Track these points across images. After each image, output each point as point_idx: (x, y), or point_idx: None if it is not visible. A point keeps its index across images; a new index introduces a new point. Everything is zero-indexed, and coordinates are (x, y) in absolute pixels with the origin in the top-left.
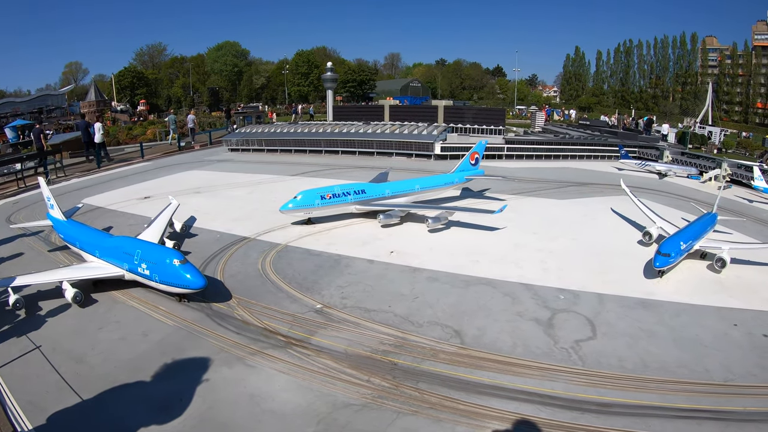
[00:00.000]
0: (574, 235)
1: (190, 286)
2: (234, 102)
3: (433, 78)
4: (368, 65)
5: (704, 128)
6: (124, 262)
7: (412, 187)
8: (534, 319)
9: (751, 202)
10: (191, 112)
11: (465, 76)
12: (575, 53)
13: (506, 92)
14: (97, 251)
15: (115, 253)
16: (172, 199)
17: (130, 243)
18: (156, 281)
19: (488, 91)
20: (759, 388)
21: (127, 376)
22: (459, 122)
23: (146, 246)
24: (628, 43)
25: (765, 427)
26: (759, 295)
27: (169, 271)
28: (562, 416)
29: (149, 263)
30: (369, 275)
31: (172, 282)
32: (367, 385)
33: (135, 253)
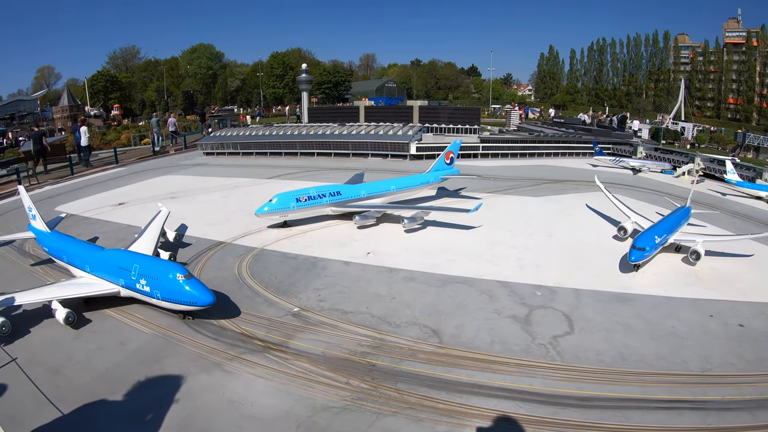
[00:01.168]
0: (550, 232)
1: (197, 303)
2: (209, 105)
3: (408, 78)
4: (343, 66)
5: (677, 124)
6: (120, 277)
7: (387, 188)
8: (511, 316)
9: (724, 195)
10: (171, 115)
11: (440, 76)
12: (549, 52)
13: (481, 91)
14: (88, 266)
15: (108, 268)
16: (162, 206)
17: (126, 257)
18: (158, 298)
19: (463, 90)
20: (737, 377)
21: (106, 386)
22: (434, 122)
23: (144, 260)
24: (602, 42)
25: (744, 414)
26: (734, 285)
27: (172, 287)
28: (542, 411)
29: (149, 279)
30: (346, 277)
31: (177, 299)
32: (346, 387)
33: (132, 268)
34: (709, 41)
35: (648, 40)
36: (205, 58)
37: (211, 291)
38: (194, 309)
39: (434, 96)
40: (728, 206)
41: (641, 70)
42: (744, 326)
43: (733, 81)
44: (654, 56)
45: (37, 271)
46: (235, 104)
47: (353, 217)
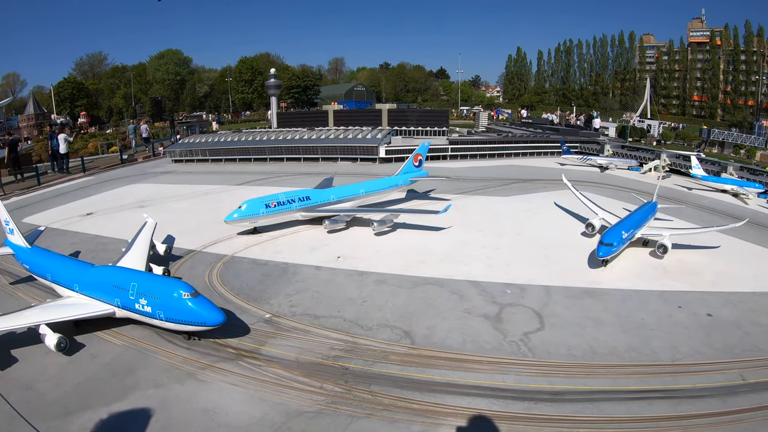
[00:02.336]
0: (519, 231)
1: (207, 323)
2: (177, 111)
3: (377, 82)
4: (312, 71)
5: (643, 122)
6: (115, 297)
7: (356, 192)
8: (482, 315)
9: (690, 189)
10: (143, 122)
11: (409, 79)
12: (517, 54)
13: (450, 93)
14: (77, 284)
15: (101, 287)
16: (148, 217)
17: (121, 274)
18: (161, 319)
19: (432, 93)
20: (706, 365)
21: (79, 401)
22: (403, 125)
23: (143, 277)
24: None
25: (714, 401)
26: (701, 277)
27: (177, 306)
28: (515, 407)
29: (150, 298)
30: (317, 281)
31: (183, 319)
32: (320, 391)
33: (129, 287)
34: (674, 41)
35: (614, 40)
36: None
37: (221, 309)
38: (203, 329)
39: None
40: (694, 200)
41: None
42: (712, 316)
43: (698, 79)
44: (620, 56)
45: (18, 291)
46: (203, 110)
47: (323, 221)
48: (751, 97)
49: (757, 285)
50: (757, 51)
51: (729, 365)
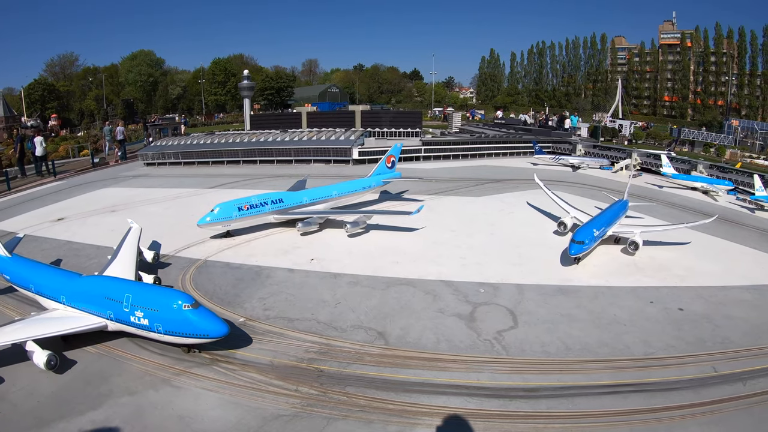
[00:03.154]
0: (492, 230)
1: (210, 335)
2: (149, 114)
3: (351, 83)
4: (286, 72)
5: (615, 122)
6: (107, 309)
7: (329, 194)
8: (456, 314)
9: (661, 187)
10: (120, 124)
11: (383, 80)
12: (490, 55)
13: (424, 95)
14: (64, 296)
15: (91, 299)
16: (132, 222)
17: (114, 285)
18: (159, 332)
19: (406, 94)
20: (678, 358)
21: (53, 411)
22: (376, 126)
23: (138, 288)
24: (541, 45)
25: (688, 393)
26: (672, 272)
27: (177, 318)
28: (490, 405)
29: (147, 310)
30: (290, 284)
31: (184, 332)
32: (295, 394)
33: (123, 298)
34: (645, 43)
35: (586, 42)
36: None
37: (224, 320)
38: (205, 342)
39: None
40: (665, 198)
41: (580, 71)
42: (684, 310)
43: (668, 80)
44: (592, 58)
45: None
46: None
47: (296, 224)
48: (720, 97)
49: (727, 279)
50: (727, 52)
51: (701, 358)
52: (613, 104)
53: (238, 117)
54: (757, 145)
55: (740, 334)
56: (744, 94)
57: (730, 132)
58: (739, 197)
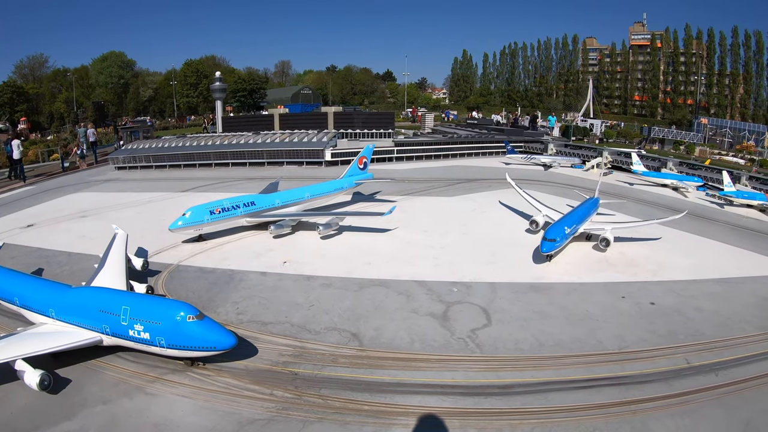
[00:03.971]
0: (465, 230)
1: (217, 347)
2: (120, 116)
3: (324, 84)
4: (259, 74)
5: (586, 121)
6: (103, 323)
7: (302, 196)
8: (429, 314)
9: (631, 185)
10: (91, 126)
11: (356, 82)
12: (463, 56)
13: (397, 96)
14: (53, 310)
15: (84, 312)
16: (117, 228)
17: (109, 296)
18: (161, 346)
19: (379, 95)
20: (651, 351)
21: (27, 422)
22: (349, 127)
23: (137, 300)
24: (513, 46)
25: (661, 385)
26: (643, 267)
27: (181, 331)
28: (465, 403)
29: (148, 323)
30: (263, 288)
31: (189, 345)
32: (270, 398)
33: (120, 311)
34: (616, 43)
35: (558, 43)
36: (116, 67)
37: (231, 331)
38: (212, 354)
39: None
40: (636, 195)
41: (551, 71)
42: (655, 304)
43: (639, 80)
44: (564, 58)
45: None
46: (147, 115)
47: (269, 226)
48: (690, 96)
49: (697, 273)
50: (696, 53)
51: (673, 350)
52: (584, 104)
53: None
54: (726, 143)
55: (711, 326)
56: (713, 93)
57: (700, 130)
58: (708, 193)
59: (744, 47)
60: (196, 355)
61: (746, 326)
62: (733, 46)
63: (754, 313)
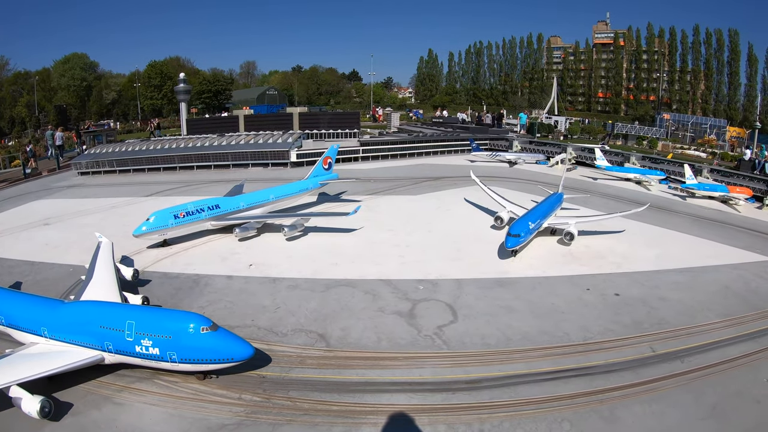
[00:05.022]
0: (430, 227)
1: (235, 358)
2: (83, 120)
3: (290, 85)
4: (224, 75)
5: (551, 118)
6: (104, 340)
7: (266, 198)
8: (396, 312)
9: (595, 179)
10: (59, 129)
11: (321, 82)
12: (428, 55)
13: (363, 95)
14: (45, 328)
15: (82, 329)
16: (101, 236)
17: (110, 311)
18: (172, 361)
19: (345, 95)
20: (616, 341)
21: None
22: (314, 128)
23: (143, 314)
24: (479, 45)
25: (627, 374)
26: (607, 259)
27: (194, 344)
28: (434, 399)
29: (156, 337)
30: (229, 291)
31: (204, 358)
32: (238, 402)
33: (124, 326)
34: (580, 42)
35: (523, 42)
36: (79, 69)
37: (246, 341)
38: (230, 366)
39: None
40: (600, 189)
41: (516, 69)
42: (620, 295)
43: (602, 77)
44: (528, 57)
45: None
46: (111, 118)
47: (234, 229)
48: (652, 92)
49: (660, 263)
50: (658, 51)
51: (639, 339)
52: (549, 101)
53: (174, 122)
54: (688, 137)
55: (675, 314)
56: (675, 90)
57: (662, 125)
58: (670, 186)
59: (705, 45)
60: (212, 368)
61: (709, 314)
62: (694, 43)
63: (716, 300)
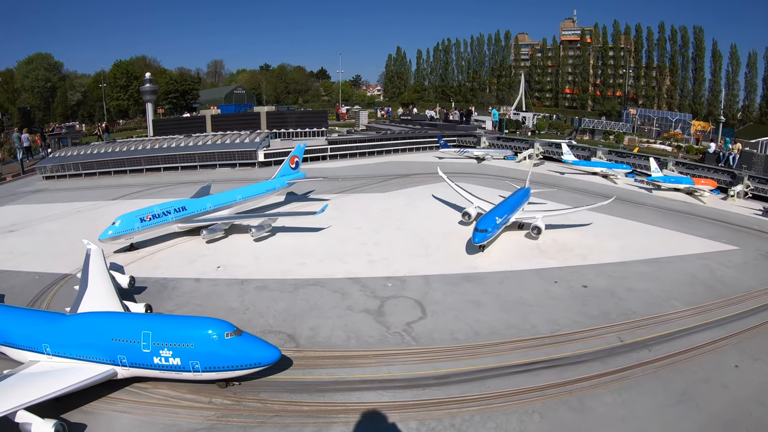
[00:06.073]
0: (398, 225)
1: (262, 362)
2: (48, 122)
3: (257, 84)
4: (191, 74)
5: (518, 114)
6: (117, 353)
7: (233, 198)
8: (364, 310)
9: (563, 174)
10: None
11: (290, 80)
12: (397, 53)
13: (331, 94)
14: (47, 344)
15: (90, 343)
16: (89, 243)
17: (123, 322)
18: (196, 370)
19: (313, 93)
20: (584, 332)
21: None
22: (282, 127)
23: (160, 322)
24: (447, 42)
25: (596, 364)
26: (574, 252)
27: (219, 350)
28: (404, 396)
29: (177, 347)
30: (197, 294)
31: (230, 365)
32: (209, 406)
33: (140, 337)
34: (547, 39)
35: (490, 39)
36: (43, 70)
37: (271, 343)
38: (256, 371)
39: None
40: (567, 183)
41: (485, 66)
42: (587, 287)
43: (569, 74)
44: (496, 54)
45: None
46: (76, 120)
47: (201, 231)
48: (618, 88)
49: (626, 255)
50: (624, 47)
51: (607, 330)
52: (516, 98)
53: (141, 123)
54: (654, 131)
55: (642, 304)
56: (641, 85)
57: (629, 120)
58: (637, 179)
59: (670, 41)
60: (238, 375)
61: (676, 302)
62: (660, 40)
63: (683, 290)
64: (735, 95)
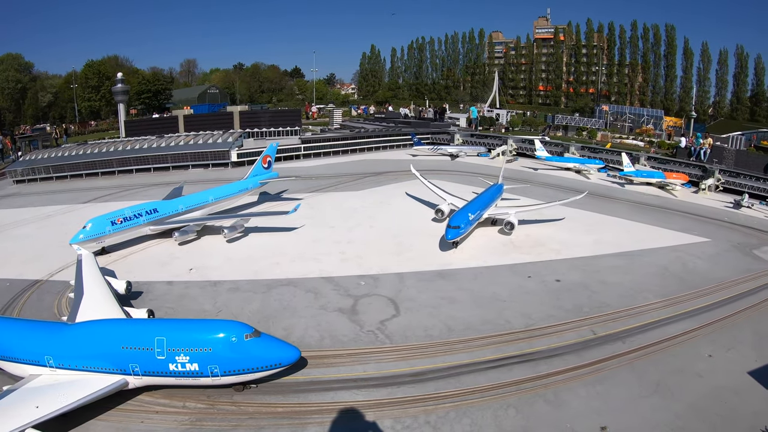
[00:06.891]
0: (371, 223)
1: (283, 362)
2: (18, 124)
3: (231, 83)
4: (164, 74)
5: (492, 111)
6: (129, 362)
7: (205, 199)
8: (338, 309)
9: (536, 170)
10: None
11: (263, 79)
12: (371, 51)
13: (305, 92)
14: (50, 357)
15: (99, 353)
16: (79, 249)
17: (134, 329)
18: (215, 375)
19: (287, 92)
20: (558, 326)
21: None
22: (255, 126)
23: (173, 328)
24: (421, 40)
25: (571, 357)
26: (547, 247)
27: (238, 353)
28: (379, 394)
29: (194, 352)
30: (170, 297)
31: (250, 367)
32: (183, 410)
33: (153, 344)
34: (521, 37)
35: (465, 37)
36: (13, 71)
37: (290, 343)
38: (277, 372)
39: (258, 100)
40: (540, 179)
41: (459, 64)
42: (561, 281)
43: (543, 71)
44: (470, 52)
45: None
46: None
47: (173, 233)
48: (591, 85)
49: (598, 248)
50: (597, 45)
51: (580, 323)
52: (490, 95)
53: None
54: (627, 127)
55: (615, 297)
56: (613, 82)
57: (602, 116)
58: (609, 174)
59: (642, 39)
60: (259, 377)
61: (648, 295)
62: (632, 38)
63: (655, 282)
64: (706, 92)
